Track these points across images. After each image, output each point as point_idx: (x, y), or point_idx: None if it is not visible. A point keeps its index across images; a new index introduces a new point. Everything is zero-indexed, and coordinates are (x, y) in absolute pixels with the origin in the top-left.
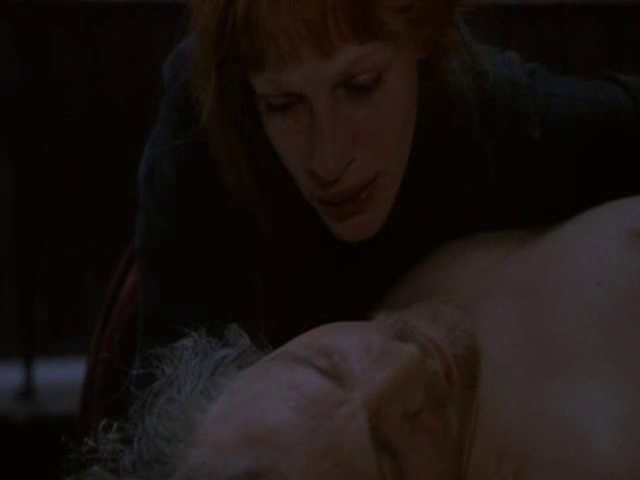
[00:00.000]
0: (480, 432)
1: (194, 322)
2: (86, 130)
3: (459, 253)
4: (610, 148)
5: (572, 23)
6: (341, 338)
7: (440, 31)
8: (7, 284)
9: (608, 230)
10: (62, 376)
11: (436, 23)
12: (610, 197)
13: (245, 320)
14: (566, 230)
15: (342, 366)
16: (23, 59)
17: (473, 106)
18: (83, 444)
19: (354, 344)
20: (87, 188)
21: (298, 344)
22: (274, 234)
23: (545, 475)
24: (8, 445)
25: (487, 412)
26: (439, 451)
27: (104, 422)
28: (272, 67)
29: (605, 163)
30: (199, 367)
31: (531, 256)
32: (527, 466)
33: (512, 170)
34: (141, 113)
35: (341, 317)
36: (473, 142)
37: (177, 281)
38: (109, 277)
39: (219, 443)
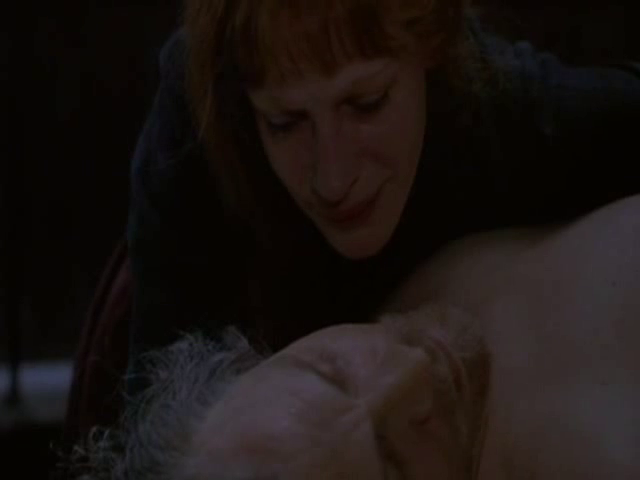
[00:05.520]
0: (489, 440)
1: (189, 323)
2: (75, 127)
3: (468, 251)
4: (626, 141)
5: (587, 9)
6: (345, 342)
7: (450, 42)
8: None
9: (624, 228)
10: (50, 381)
11: (445, 34)
12: (625, 192)
13: (242, 321)
14: (580, 228)
15: (346, 371)
16: (10, 50)
17: (483, 103)
18: (73, 452)
19: (358, 348)
20: (76, 187)
21: (299, 348)
22: (273, 244)
23: None
24: None
25: (497, 419)
26: (447, 461)
27: (95, 429)
28: (272, 83)
29: (620, 156)
30: (195, 371)
31: (543, 254)
32: (538, 477)
33: (524, 166)
34: (133, 107)
35: (343, 319)
36: (482, 140)
37: (170, 280)
38: (99, 279)
39: (216, 452)
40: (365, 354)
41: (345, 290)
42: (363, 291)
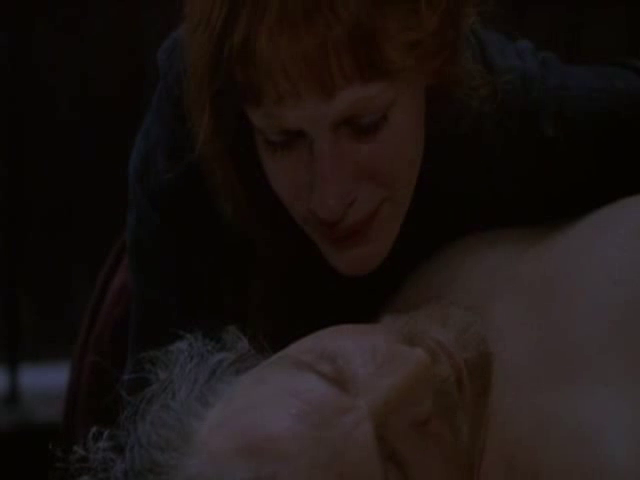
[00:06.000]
0: (491, 441)
1: (188, 323)
2: (75, 127)
3: (468, 251)
4: (628, 141)
5: (588, 8)
6: (345, 342)
7: (450, 62)
8: None
9: (625, 228)
10: (49, 382)
11: (446, 55)
12: (626, 192)
13: (241, 321)
14: (581, 227)
15: (346, 371)
16: (9, 50)
17: (484, 107)
18: (72, 453)
19: (359, 348)
20: (76, 187)
21: (300, 348)
22: (272, 252)
23: None
24: None
25: (498, 420)
26: (448, 462)
27: (94, 430)
28: (270, 103)
29: (622, 156)
30: (195, 371)
31: (544, 254)
32: (539, 477)
33: (525, 168)
34: (131, 106)
35: (344, 320)
36: (483, 143)
37: (170, 280)
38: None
39: (216, 452)
40: (365, 354)
41: (345, 291)
42: (364, 292)
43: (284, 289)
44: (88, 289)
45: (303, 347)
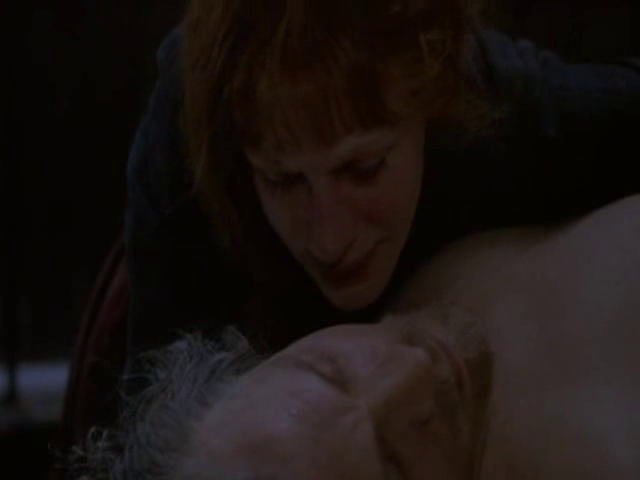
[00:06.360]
0: (491, 442)
1: (188, 323)
2: (73, 125)
3: (469, 251)
4: (629, 140)
5: (591, 7)
6: (345, 342)
7: (452, 102)
8: None
9: (626, 227)
10: (48, 382)
11: (448, 98)
12: (627, 192)
13: (241, 321)
14: (582, 227)
15: (346, 371)
16: (8, 50)
17: (485, 111)
18: (71, 453)
19: (359, 348)
20: (75, 187)
21: (300, 348)
22: (270, 281)
23: None
24: None
25: (499, 420)
26: (449, 462)
27: (93, 430)
28: (269, 148)
29: (623, 156)
30: (194, 371)
31: (545, 254)
32: (540, 478)
33: (525, 169)
34: (130, 106)
35: (344, 320)
36: (483, 146)
37: (169, 280)
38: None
39: (215, 453)
40: (366, 354)
41: None
42: None
43: (283, 308)
44: (87, 289)
45: (303, 347)
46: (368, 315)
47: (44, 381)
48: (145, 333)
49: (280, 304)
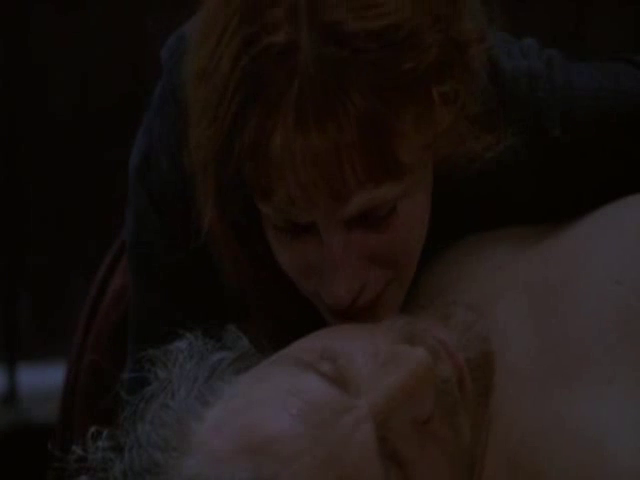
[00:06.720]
0: (493, 442)
1: (187, 323)
2: (72, 125)
3: (470, 251)
4: (633, 141)
5: (595, 5)
6: (346, 341)
7: (460, 146)
8: None
9: (627, 227)
10: (47, 381)
11: (457, 142)
12: (628, 192)
13: (241, 321)
14: (583, 227)
15: (347, 371)
16: (7, 50)
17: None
18: (71, 452)
19: (360, 348)
20: (74, 187)
21: (300, 347)
22: (269, 311)
23: None
24: None
25: (500, 420)
26: (450, 462)
27: (93, 429)
28: (281, 202)
29: (627, 157)
30: (194, 371)
31: (546, 254)
32: (541, 477)
33: (530, 167)
34: (132, 107)
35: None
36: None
37: (169, 279)
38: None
39: (216, 452)
40: (367, 354)
41: None
42: None
43: (283, 328)
44: (86, 289)
45: (304, 346)
46: None
47: (44, 381)
48: (145, 333)
49: (279, 320)
